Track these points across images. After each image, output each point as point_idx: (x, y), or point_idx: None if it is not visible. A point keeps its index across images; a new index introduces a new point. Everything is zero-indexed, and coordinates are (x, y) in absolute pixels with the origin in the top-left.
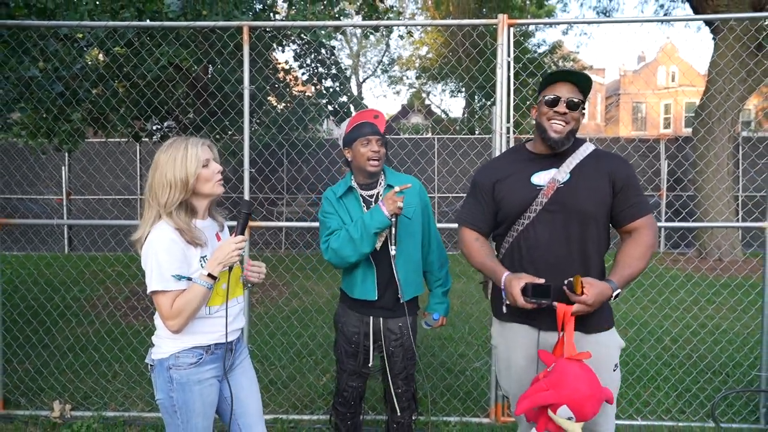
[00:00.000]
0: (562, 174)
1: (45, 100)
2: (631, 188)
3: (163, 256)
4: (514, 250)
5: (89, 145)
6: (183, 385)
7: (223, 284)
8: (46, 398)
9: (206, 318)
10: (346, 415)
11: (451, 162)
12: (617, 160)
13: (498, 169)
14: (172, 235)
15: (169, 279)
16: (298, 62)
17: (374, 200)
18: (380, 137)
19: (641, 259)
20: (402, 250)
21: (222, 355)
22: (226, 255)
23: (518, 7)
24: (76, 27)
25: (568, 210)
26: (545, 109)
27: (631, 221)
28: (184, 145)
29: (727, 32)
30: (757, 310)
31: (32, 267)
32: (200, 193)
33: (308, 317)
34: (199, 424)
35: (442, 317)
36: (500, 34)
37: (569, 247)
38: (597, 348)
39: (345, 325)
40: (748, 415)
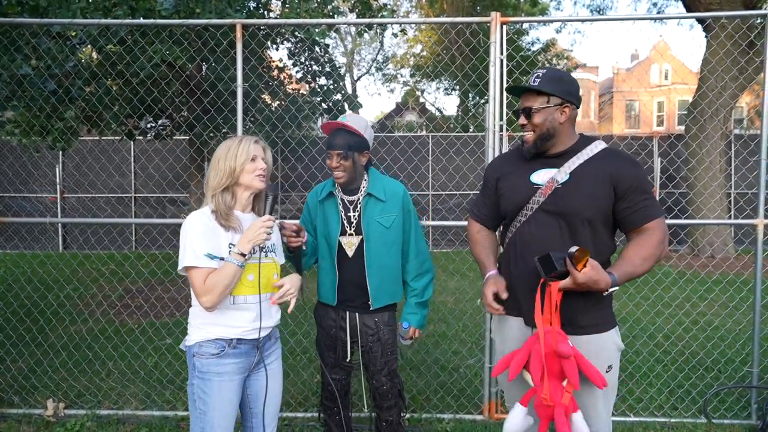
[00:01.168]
0: (562, 174)
1: (38, 98)
2: (637, 192)
3: (195, 236)
4: (511, 247)
5: (82, 143)
6: (203, 374)
7: (250, 275)
8: (40, 397)
9: (229, 309)
10: (334, 410)
11: (444, 160)
12: (624, 163)
13: (502, 165)
14: (205, 218)
15: (201, 256)
16: (291, 60)
17: (353, 207)
18: (341, 151)
19: (647, 260)
20: (374, 259)
21: (246, 351)
22: (255, 233)
23: (512, 5)
24: (68, 25)
25: (564, 212)
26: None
27: (639, 225)
28: (239, 139)
29: (718, 30)
30: (748, 306)
31: (25, 265)
32: (242, 184)
33: (302, 315)
34: (216, 420)
35: (413, 328)
36: (493, 31)
37: (563, 248)
38: (590, 349)
39: (322, 318)
40: (740, 411)
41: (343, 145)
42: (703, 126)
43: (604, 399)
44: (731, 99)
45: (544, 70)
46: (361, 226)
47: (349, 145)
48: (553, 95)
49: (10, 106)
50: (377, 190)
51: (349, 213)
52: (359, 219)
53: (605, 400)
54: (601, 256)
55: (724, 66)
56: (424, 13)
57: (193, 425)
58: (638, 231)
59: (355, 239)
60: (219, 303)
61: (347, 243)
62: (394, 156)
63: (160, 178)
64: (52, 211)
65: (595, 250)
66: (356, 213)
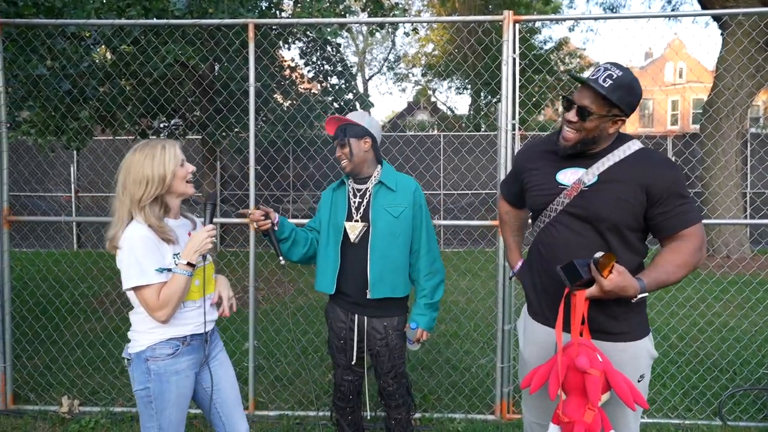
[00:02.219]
0: (590, 176)
1: (53, 98)
2: (672, 197)
3: (140, 252)
4: (536, 246)
5: (97, 143)
6: (160, 376)
7: (197, 281)
8: (55, 394)
9: (181, 311)
10: (345, 410)
11: (456, 159)
12: (658, 165)
13: (531, 157)
14: (145, 232)
15: (150, 273)
16: (303, 59)
17: (361, 195)
18: (338, 139)
19: (681, 267)
20: (378, 247)
21: (197, 347)
22: (200, 243)
23: (524, 4)
24: (83, 25)
25: (590, 215)
26: (563, 111)
27: (675, 232)
28: (161, 145)
29: (735, 27)
30: (765, 307)
31: (41, 264)
32: (174, 191)
33: (314, 314)
34: (173, 415)
35: (421, 330)
36: (506, 30)
37: (588, 253)
38: (622, 357)
39: (333, 320)
40: (756, 413)
41: (338, 134)
42: (718, 125)
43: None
44: (747, 97)
45: (619, 71)
46: (368, 213)
47: (344, 131)
48: (617, 106)
49: (26, 106)
50: (389, 180)
51: (357, 199)
52: (367, 207)
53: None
54: (631, 263)
55: (741, 64)
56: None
57: (147, 425)
58: (673, 238)
59: (359, 225)
60: (173, 314)
61: (351, 227)
62: (406, 155)
63: None
64: (66, 210)
65: (625, 257)
66: (364, 200)
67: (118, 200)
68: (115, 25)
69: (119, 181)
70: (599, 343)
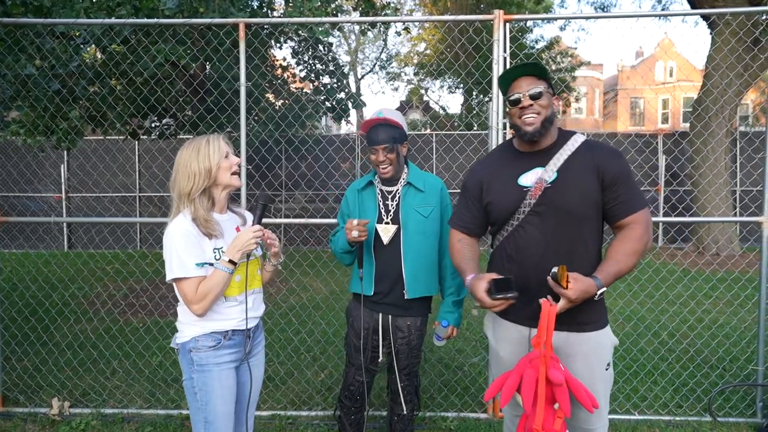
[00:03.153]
0: (549, 173)
1: (42, 98)
2: (621, 183)
3: (181, 246)
4: (503, 252)
5: (87, 143)
6: (203, 367)
7: (237, 276)
8: (45, 395)
9: (222, 305)
10: (351, 409)
11: (447, 158)
12: (607, 153)
13: (485, 171)
14: (187, 226)
15: (190, 266)
16: (295, 59)
17: (391, 197)
18: (387, 144)
19: (630, 255)
20: (411, 247)
21: (239, 341)
22: (244, 242)
23: (516, 3)
24: (72, 25)
25: (557, 210)
26: (513, 110)
27: (622, 218)
28: (206, 139)
29: (723, 27)
30: (753, 304)
31: (30, 265)
32: (220, 183)
33: (306, 313)
34: (218, 407)
35: (452, 327)
36: (496, 29)
37: (558, 247)
38: (589, 346)
39: (355, 319)
40: (745, 409)
41: (387, 139)
42: (707, 123)
43: (605, 398)
44: (736, 96)
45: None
46: (399, 215)
47: (394, 138)
48: (550, 83)
49: (15, 106)
50: (417, 181)
51: (387, 202)
52: (397, 208)
53: (605, 399)
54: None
55: (729, 63)
56: (427, 10)
57: (195, 418)
58: (621, 225)
59: (391, 227)
60: (209, 308)
61: (383, 230)
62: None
63: (164, 178)
64: (56, 211)
65: (588, 246)
66: (394, 202)
67: (173, 196)
68: (105, 25)
69: (171, 179)
70: (566, 334)
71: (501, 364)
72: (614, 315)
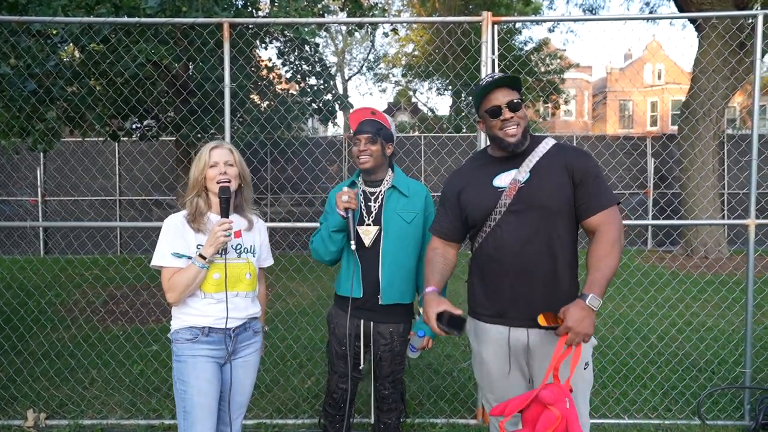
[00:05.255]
0: (522, 173)
1: (17, 99)
2: (589, 180)
3: (164, 236)
4: (483, 252)
5: (64, 145)
6: (179, 357)
7: (215, 274)
8: (20, 407)
9: (200, 301)
10: (336, 417)
11: (435, 160)
12: (575, 152)
13: (461, 178)
14: (176, 219)
15: (166, 256)
16: (281, 60)
17: (374, 198)
18: (370, 135)
19: (608, 256)
20: (389, 252)
21: (217, 340)
22: (213, 237)
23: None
24: (49, 23)
25: (532, 208)
26: (492, 121)
27: (592, 215)
28: (207, 147)
29: (709, 30)
30: (741, 307)
31: (4, 271)
32: (210, 190)
33: (292, 319)
34: (194, 398)
35: (428, 338)
36: (484, 31)
37: (535, 245)
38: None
39: (336, 326)
40: (733, 412)
41: (371, 130)
42: (695, 126)
43: (584, 398)
44: (722, 99)
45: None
46: (380, 217)
47: (378, 130)
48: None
49: None
50: (401, 185)
51: (369, 203)
52: (379, 210)
53: (584, 400)
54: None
55: (715, 66)
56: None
57: (178, 408)
58: (592, 223)
59: (373, 229)
60: (180, 300)
61: (365, 231)
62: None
63: (146, 181)
64: (32, 215)
65: (564, 243)
66: (376, 204)
67: None
68: (84, 23)
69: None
70: (543, 332)
71: (484, 367)
72: (603, 318)
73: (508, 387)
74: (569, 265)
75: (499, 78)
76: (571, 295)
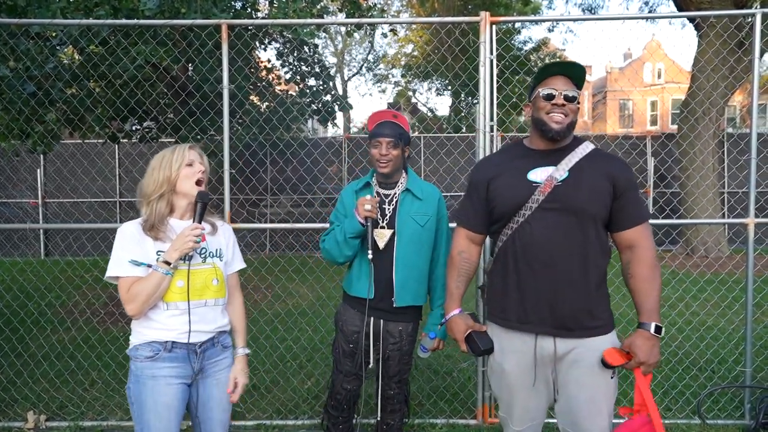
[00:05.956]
0: (560, 171)
1: (16, 101)
2: (630, 192)
3: (119, 245)
4: (509, 248)
5: (64, 147)
6: (138, 378)
7: (179, 281)
8: (20, 409)
9: (162, 313)
10: (339, 419)
11: (434, 161)
12: (619, 162)
13: (493, 166)
14: (131, 227)
15: (124, 264)
16: (280, 61)
17: (388, 201)
18: (391, 139)
19: (654, 279)
20: (403, 255)
21: (182, 357)
22: (182, 242)
23: (504, 4)
24: (48, 25)
25: (568, 208)
26: (542, 103)
27: (628, 227)
28: (173, 148)
29: (708, 29)
30: (741, 306)
31: (4, 273)
32: (179, 191)
33: (291, 320)
34: (152, 422)
35: (439, 339)
36: (482, 31)
37: (567, 246)
38: (595, 355)
39: (345, 323)
40: (734, 411)
41: (394, 134)
42: (694, 125)
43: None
44: (721, 98)
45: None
46: (394, 219)
47: (400, 134)
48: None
49: None
50: (415, 188)
51: (383, 206)
52: (393, 213)
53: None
54: (600, 258)
55: (714, 65)
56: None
57: (136, 427)
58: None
59: (387, 232)
60: (143, 311)
61: (379, 235)
62: None
63: None
64: (32, 217)
65: (597, 249)
66: (391, 207)
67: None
68: (83, 25)
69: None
70: (579, 341)
71: (505, 378)
72: None
73: (532, 400)
74: (601, 271)
75: (564, 64)
76: (600, 302)
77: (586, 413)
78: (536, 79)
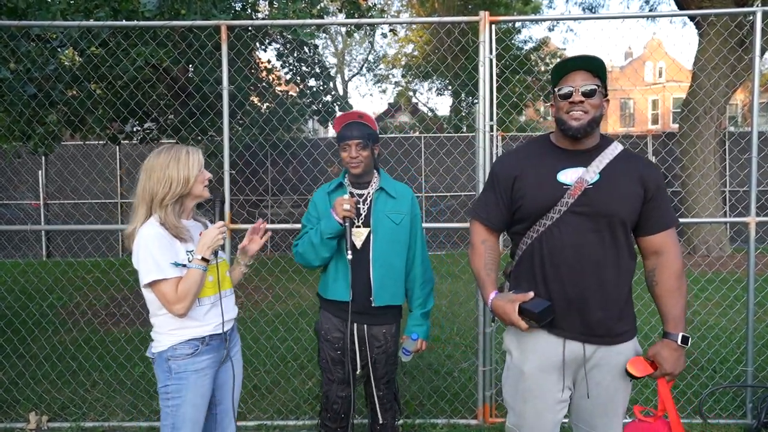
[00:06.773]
0: (591, 174)
1: (17, 103)
2: (660, 195)
3: (155, 249)
4: (535, 252)
5: (65, 148)
6: (180, 375)
7: (210, 277)
8: (22, 410)
9: (197, 310)
10: (336, 430)
11: (434, 161)
12: (649, 164)
13: (520, 162)
14: (156, 230)
15: (167, 267)
16: (280, 61)
17: (362, 200)
18: (360, 140)
19: (680, 288)
20: (380, 255)
21: (217, 346)
22: (212, 239)
23: (504, 4)
24: (48, 27)
25: (598, 213)
26: (561, 103)
27: (657, 232)
28: (185, 150)
29: (708, 28)
30: (742, 305)
31: (6, 275)
32: (193, 194)
33: (292, 320)
34: (188, 414)
35: (421, 340)
36: (482, 31)
37: (597, 252)
38: (619, 360)
39: (328, 332)
40: (735, 411)
41: (362, 135)
42: (694, 124)
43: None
44: (722, 97)
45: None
46: (369, 218)
47: (369, 135)
48: (604, 83)
49: None
50: (389, 187)
51: (357, 205)
52: (368, 212)
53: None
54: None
55: (715, 64)
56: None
57: (163, 423)
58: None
59: (364, 230)
60: (190, 309)
61: (356, 234)
62: (384, 158)
63: None
64: (33, 218)
65: (626, 253)
66: (365, 206)
67: (138, 199)
68: (83, 27)
69: (140, 181)
70: (605, 348)
71: (523, 383)
72: None
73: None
74: (630, 277)
75: (578, 58)
76: (628, 308)
77: (603, 414)
78: (554, 77)
